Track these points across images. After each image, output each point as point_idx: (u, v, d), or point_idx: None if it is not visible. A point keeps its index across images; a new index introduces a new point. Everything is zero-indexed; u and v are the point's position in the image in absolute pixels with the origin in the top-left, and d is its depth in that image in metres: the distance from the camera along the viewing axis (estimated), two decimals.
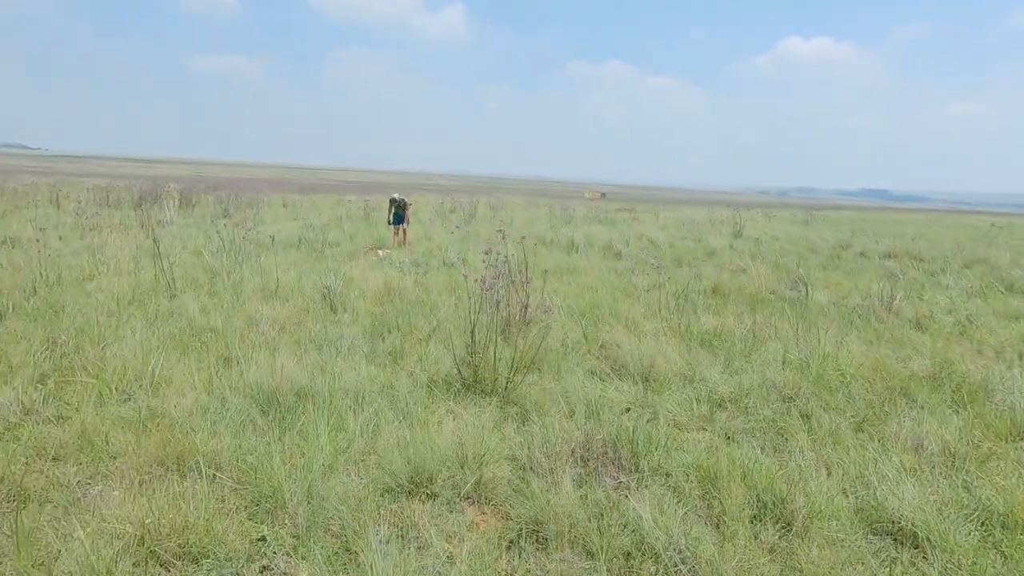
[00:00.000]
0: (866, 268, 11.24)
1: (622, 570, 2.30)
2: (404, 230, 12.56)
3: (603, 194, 75.70)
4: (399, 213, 12.43)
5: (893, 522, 2.57)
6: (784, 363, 4.63)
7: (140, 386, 3.73)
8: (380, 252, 11.35)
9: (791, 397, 3.98)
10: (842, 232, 20.57)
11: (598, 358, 4.86)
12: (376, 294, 6.86)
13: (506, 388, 3.85)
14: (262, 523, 2.47)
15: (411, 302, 6.52)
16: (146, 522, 2.28)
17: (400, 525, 2.47)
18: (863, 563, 2.36)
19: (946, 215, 52.66)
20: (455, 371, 4.10)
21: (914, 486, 2.74)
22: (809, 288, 7.56)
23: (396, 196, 12.50)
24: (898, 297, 7.03)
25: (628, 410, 3.72)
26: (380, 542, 2.26)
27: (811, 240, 16.69)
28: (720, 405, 3.87)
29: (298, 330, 5.37)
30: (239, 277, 7.41)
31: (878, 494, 2.73)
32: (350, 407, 3.48)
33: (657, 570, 2.27)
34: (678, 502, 2.69)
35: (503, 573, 2.29)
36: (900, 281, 9.59)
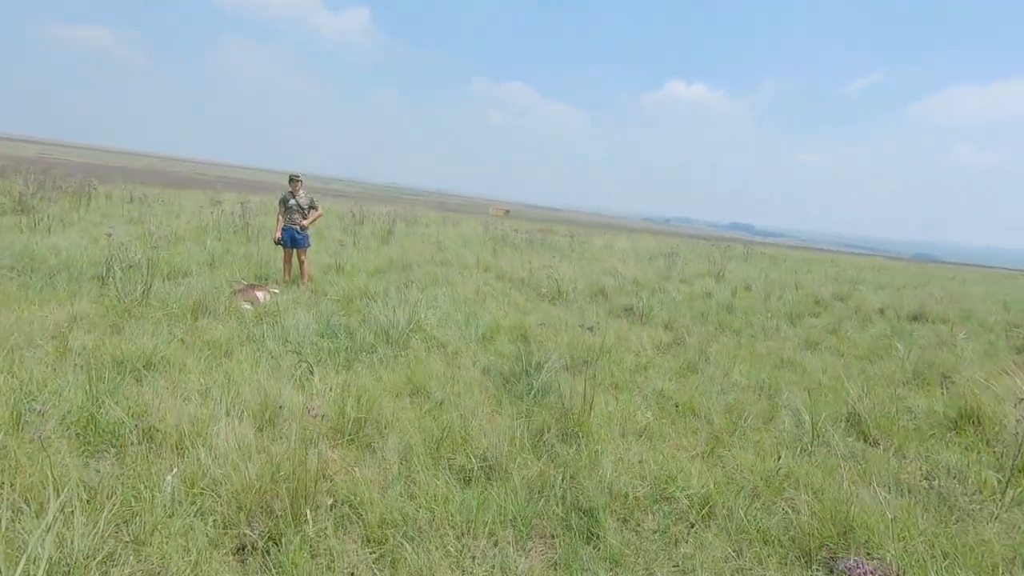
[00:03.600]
0: (955, 348, 8.32)
1: None
2: (303, 258, 7.82)
3: (507, 211, 73.07)
4: (295, 230, 7.65)
5: None
6: None
7: None
8: (260, 295, 6.57)
9: None
10: (810, 275, 18.68)
11: None
12: (231, 492, 2.35)
13: None
14: None
15: (356, 540, 2.14)
16: None
17: None
18: None
19: (842, 256, 56.05)
20: None
21: None
22: None
23: (294, 178, 7.71)
24: None
25: None
26: None
27: (804, 286, 14.22)
28: None
29: None
30: None
31: None
32: None
33: None
34: None
35: None
36: None
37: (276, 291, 7.00)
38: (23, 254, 7.25)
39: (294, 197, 7.60)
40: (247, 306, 6.15)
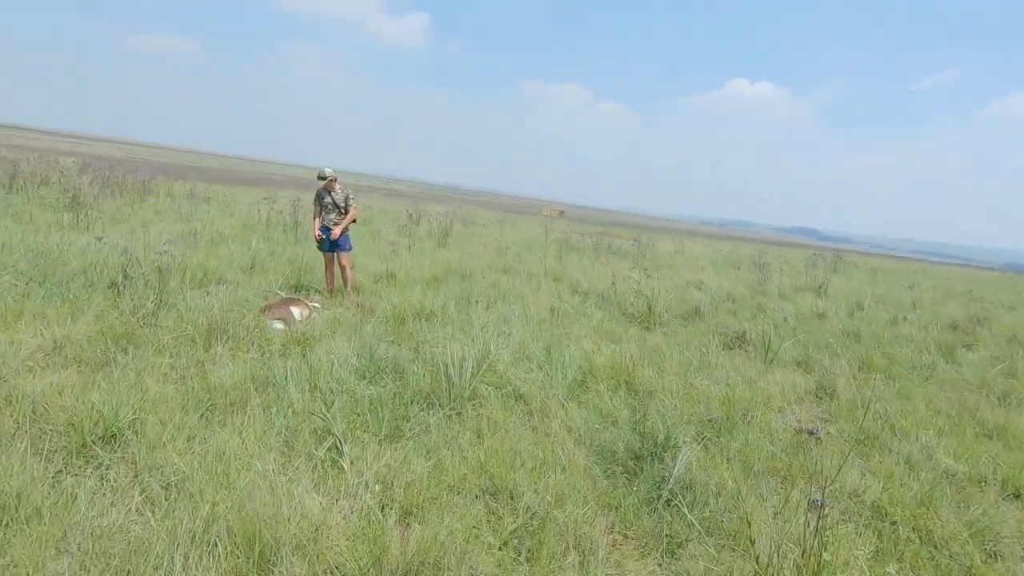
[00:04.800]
0: None
1: None
2: (344, 263, 6.70)
3: (562, 212, 71.31)
4: (332, 233, 6.55)
5: None
6: None
7: None
8: (296, 311, 5.43)
9: None
10: (918, 290, 16.21)
11: None
12: None
13: None
14: None
15: None
16: None
17: None
18: None
19: (930, 265, 51.32)
20: None
21: None
22: None
23: (326, 173, 6.49)
24: None
25: None
26: None
27: (923, 305, 12.02)
28: None
29: None
30: None
31: None
32: None
33: None
34: None
35: None
36: None
37: (317, 305, 5.87)
38: (45, 255, 6.47)
39: (329, 194, 6.55)
40: (278, 325, 5.02)
